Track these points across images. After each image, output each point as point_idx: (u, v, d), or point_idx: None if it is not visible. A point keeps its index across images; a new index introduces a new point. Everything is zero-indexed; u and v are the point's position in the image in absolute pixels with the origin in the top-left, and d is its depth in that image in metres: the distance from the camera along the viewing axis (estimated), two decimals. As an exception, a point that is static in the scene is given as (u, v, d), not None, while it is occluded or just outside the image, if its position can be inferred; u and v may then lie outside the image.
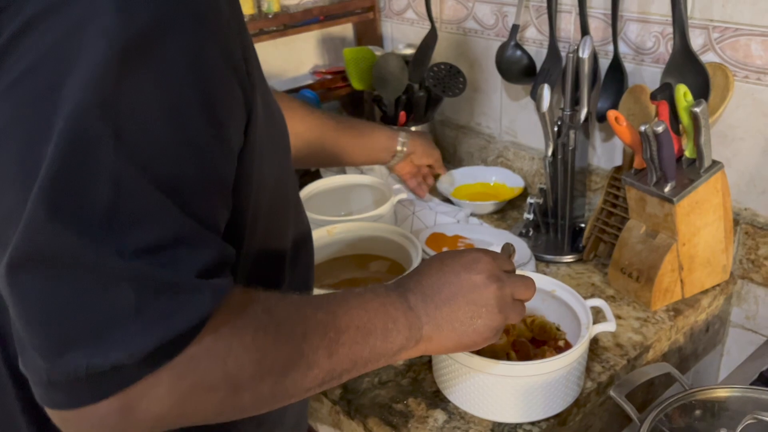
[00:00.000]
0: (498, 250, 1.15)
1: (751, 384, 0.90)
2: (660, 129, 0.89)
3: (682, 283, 1.02)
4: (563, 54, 1.19)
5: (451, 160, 1.54)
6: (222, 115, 0.48)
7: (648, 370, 0.81)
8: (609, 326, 0.83)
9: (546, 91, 1.02)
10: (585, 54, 1.04)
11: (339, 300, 0.59)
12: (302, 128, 1.08)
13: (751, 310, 1.11)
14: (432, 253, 1.12)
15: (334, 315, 0.57)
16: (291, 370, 0.53)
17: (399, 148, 1.18)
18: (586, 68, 1.05)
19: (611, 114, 0.94)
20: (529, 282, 0.70)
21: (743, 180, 1.06)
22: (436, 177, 1.33)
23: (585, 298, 1.05)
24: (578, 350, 0.79)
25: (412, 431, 0.82)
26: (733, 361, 1.16)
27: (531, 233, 1.22)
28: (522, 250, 1.14)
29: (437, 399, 0.87)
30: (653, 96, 0.92)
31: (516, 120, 1.38)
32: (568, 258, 1.16)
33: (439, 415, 0.85)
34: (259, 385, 0.51)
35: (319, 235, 1.10)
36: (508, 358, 0.86)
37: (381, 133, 1.18)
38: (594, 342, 0.95)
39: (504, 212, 1.32)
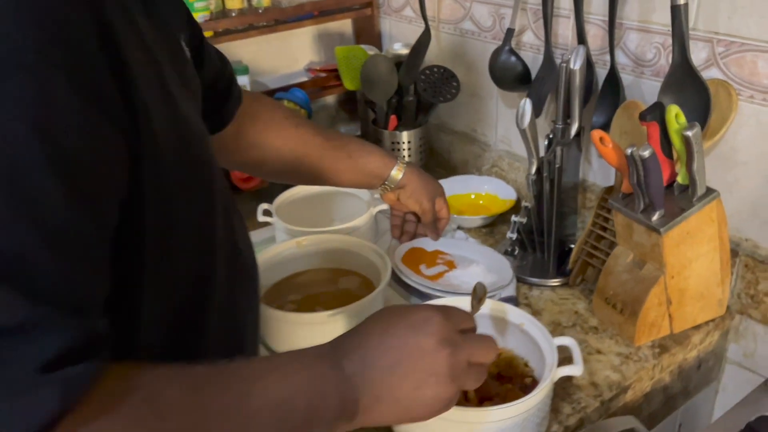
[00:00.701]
0: (480, 267, 1.09)
1: (736, 436, 0.82)
2: (646, 154, 0.81)
3: (671, 317, 0.95)
4: (558, 62, 1.11)
5: (446, 167, 1.47)
6: (79, 165, 0.41)
7: (612, 423, 0.74)
8: (575, 370, 0.76)
9: (527, 106, 0.94)
10: (576, 65, 0.96)
11: (255, 375, 0.51)
12: (282, 142, 0.96)
13: (750, 347, 1.03)
14: (406, 271, 1.06)
15: (245, 396, 0.49)
16: None
17: (391, 176, 1.01)
18: (577, 80, 0.97)
19: (596, 134, 0.87)
20: (488, 343, 0.61)
21: (745, 208, 0.97)
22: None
23: (565, 327, 0.99)
24: (536, 397, 0.72)
25: (357, 470, 0.77)
26: (729, 399, 1.07)
27: (517, 252, 1.14)
28: (504, 270, 1.07)
29: (389, 435, 0.81)
30: (642, 116, 0.84)
31: (511, 128, 1.31)
32: (554, 281, 1.09)
33: (389, 454, 0.79)
34: None
35: (287, 247, 1.05)
36: (466, 396, 0.80)
37: (375, 157, 1.02)
38: (566, 379, 0.88)
39: (494, 226, 1.25)
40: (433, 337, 0.57)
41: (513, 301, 1.02)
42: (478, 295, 0.74)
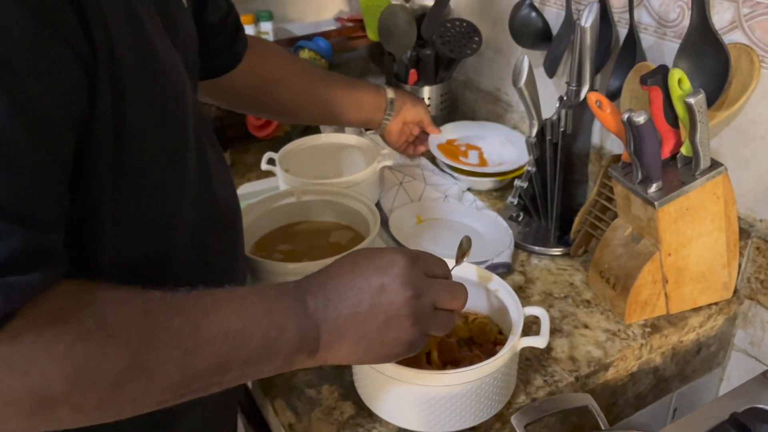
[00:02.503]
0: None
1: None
2: (641, 120, 0.75)
3: (668, 297, 0.89)
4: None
5: (469, 125, 1.42)
6: (26, 80, 0.42)
7: (565, 399, 0.71)
8: (538, 341, 0.73)
9: (525, 64, 0.89)
10: (587, 23, 0.90)
11: (210, 304, 0.52)
12: (292, 79, 0.98)
13: (757, 335, 0.96)
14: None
15: (196, 323, 0.50)
16: (125, 384, 0.47)
17: (389, 102, 1.04)
18: (588, 39, 0.91)
19: (592, 97, 0.81)
20: (457, 289, 0.60)
21: (761, 186, 0.89)
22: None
23: (557, 298, 0.96)
24: (489, 366, 0.69)
25: (314, 422, 0.77)
26: (732, 388, 1.01)
27: (522, 218, 1.10)
28: (502, 236, 1.03)
29: (352, 390, 0.81)
30: (643, 80, 0.78)
31: (534, 89, 1.24)
32: (556, 251, 1.04)
33: (348, 409, 0.79)
34: (79, 400, 0.46)
35: (284, 197, 1.05)
36: (429, 358, 0.78)
37: (368, 87, 1.06)
38: (545, 351, 0.85)
39: (505, 190, 1.21)
40: (396, 279, 0.56)
41: (507, 267, 0.99)
42: (464, 248, 0.72)
